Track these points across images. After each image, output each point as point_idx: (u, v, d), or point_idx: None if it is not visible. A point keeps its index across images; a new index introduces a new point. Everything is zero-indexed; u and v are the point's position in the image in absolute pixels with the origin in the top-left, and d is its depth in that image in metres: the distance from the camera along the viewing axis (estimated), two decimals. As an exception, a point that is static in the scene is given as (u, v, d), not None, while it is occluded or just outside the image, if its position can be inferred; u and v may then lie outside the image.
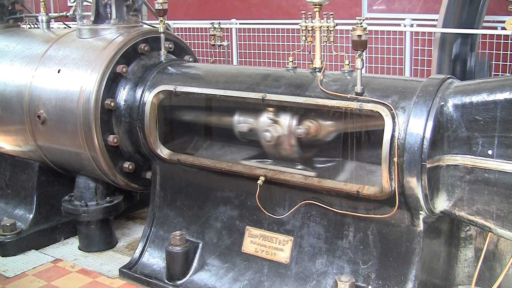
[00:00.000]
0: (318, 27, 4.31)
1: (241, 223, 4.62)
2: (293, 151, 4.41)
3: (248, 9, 12.12)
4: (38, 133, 5.32)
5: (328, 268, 4.17)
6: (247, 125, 4.57)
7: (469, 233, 4.26)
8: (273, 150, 4.48)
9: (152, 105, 4.83)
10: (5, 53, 5.76)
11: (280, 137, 4.34)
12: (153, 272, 4.83)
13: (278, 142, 4.35)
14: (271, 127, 4.35)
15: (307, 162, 4.46)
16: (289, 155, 4.44)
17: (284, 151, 4.43)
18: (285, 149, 4.41)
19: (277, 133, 4.32)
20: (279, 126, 4.35)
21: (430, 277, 4.01)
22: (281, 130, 4.33)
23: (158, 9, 5.06)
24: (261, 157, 4.63)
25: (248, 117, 4.63)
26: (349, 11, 10.39)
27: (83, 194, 5.37)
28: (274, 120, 4.37)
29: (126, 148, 5.11)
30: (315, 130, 4.29)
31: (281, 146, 4.40)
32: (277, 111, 4.38)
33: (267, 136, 4.32)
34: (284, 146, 4.39)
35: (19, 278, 4.98)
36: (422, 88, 3.76)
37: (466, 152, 3.59)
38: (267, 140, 4.33)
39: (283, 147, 4.40)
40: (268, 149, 4.50)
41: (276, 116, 4.37)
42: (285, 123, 4.34)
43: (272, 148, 4.46)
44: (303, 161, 4.46)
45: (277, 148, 4.44)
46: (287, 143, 4.37)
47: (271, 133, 4.31)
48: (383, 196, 3.83)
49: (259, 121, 4.51)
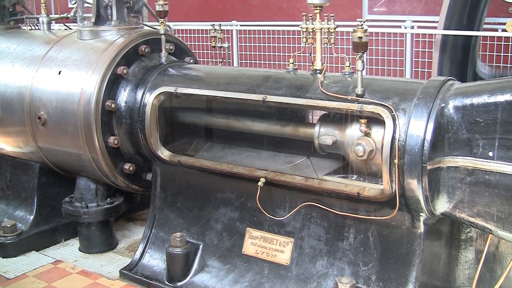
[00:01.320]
0: (318, 28, 4.31)
1: (241, 225, 4.61)
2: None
3: (249, 11, 12.12)
4: (38, 135, 5.32)
5: (328, 269, 4.17)
6: (331, 137, 4.16)
7: (470, 235, 4.25)
8: (363, 165, 4.07)
9: (153, 106, 4.83)
10: (6, 54, 5.77)
11: (372, 151, 3.90)
12: (153, 274, 4.82)
13: (370, 157, 3.91)
14: (363, 140, 3.92)
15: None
16: (379, 171, 3.91)
17: (375, 167, 3.98)
18: (377, 164, 3.94)
19: (370, 147, 3.88)
20: (371, 139, 3.92)
21: (430, 279, 4.01)
22: (373, 144, 3.89)
23: (159, 10, 5.07)
24: (343, 172, 4.33)
25: (333, 129, 4.25)
26: (350, 13, 10.40)
27: (84, 195, 5.37)
28: (366, 132, 3.93)
29: (127, 149, 5.11)
30: None
31: (372, 161, 3.96)
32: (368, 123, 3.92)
33: (360, 150, 3.90)
34: (376, 162, 3.94)
35: (19, 280, 4.98)
36: (423, 90, 3.76)
37: (466, 154, 3.59)
38: (359, 155, 3.90)
39: (374, 162, 3.96)
40: (357, 164, 4.10)
41: (368, 128, 3.93)
42: (377, 137, 3.89)
43: (363, 163, 4.04)
44: None
45: (367, 163, 4.01)
46: (379, 158, 3.89)
47: (364, 148, 3.88)
48: (383, 198, 3.83)
49: (346, 134, 4.13)
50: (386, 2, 10.63)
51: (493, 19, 8.40)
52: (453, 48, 7.96)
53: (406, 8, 10.43)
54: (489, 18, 8.30)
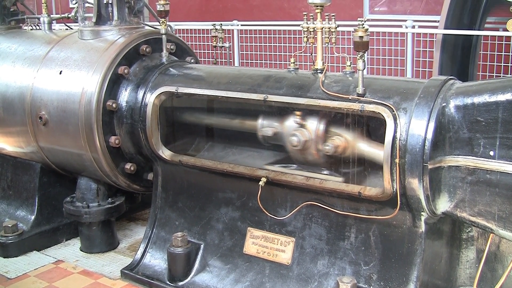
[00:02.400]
0: (319, 28, 4.31)
1: (242, 224, 4.62)
2: (320, 156, 4.25)
3: (250, 11, 12.12)
4: (40, 135, 5.33)
5: (329, 269, 4.17)
6: (271, 129, 4.44)
7: (471, 234, 4.25)
8: (299, 155, 4.36)
9: (154, 106, 4.83)
10: (7, 54, 5.77)
11: (307, 142, 4.21)
12: (154, 273, 4.83)
13: (304, 147, 4.22)
14: (298, 131, 4.23)
15: (334, 168, 4.31)
16: (316, 160, 4.31)
17: (311, 156, 4.30)
18: (312, 154, 4.28)
19: (304, 137, 4.20)
20: (306, 130, 4.22)
21: (431, 278, 4.00)
22: (308, 135, 4.21)
23: (160, 10, 5.07)
24: (286, 162, 4.52)
25: (273, 121, 4.50)
26: (351, 13, 10.38)
27: (85, 195, 5.37)
28: (301, 124, 4.24)
29: (128, 149, 5.11)
30: (343, 148, 4.14)
31: (307, 151, 4.27)
32: (304, 115, 4.23)
33: (294, 140, 4.21)
34: (311, 151, 4.26)
35: (20, 279, 4.99)
36: (424, 89, 3.76)
37: (467, 153, 3.59)
38: (294, 144, 4.22)
39: (309, 152, 4.27)
40: (294, 154, 4.38)
41: (303, 120, 4.24)
42: (312, 128, 4.21)
43: (298, 153, 4.33)
44: (330, 166, 4.32)
45: (303, 153, 4.31)
46: (313, 149, 4.23)
47: (298, 138, 4.19)
48: (384, 197, 3.83)
49: (285, 125, 4.38)
50: (387, 1, 10.62)
51: (494, 18, 8.40)
52: (454, 48, 7.96)
53: (407, 8, 10.42)
54: (490, 18, 8.30)
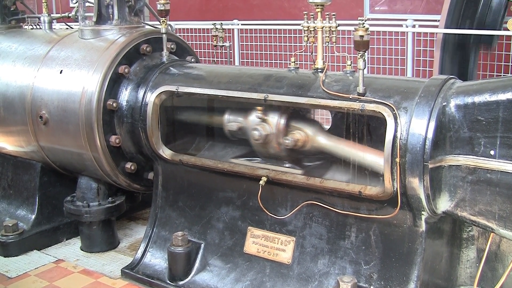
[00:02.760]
0: (320, 27, 4.30)
1: (243, 224, 4.61)
2: (281, 149, 4.43)
3: (250, 10, 12.13)
4: (40, 134, 5.33)
5: (330, 268, 4.17)
6: (236, 124, 4.65)
7: (471, 234, 4.25)
8: (262, 149, 4.54)
9: (154, 105, 4.83)
10: (7, 53, 5.77)
11: (268, 135, 4.40)
12: (155, 273, 4.83)
13: (266, 140, 4.41)
14: (259, 125, 4.42)
15: (295, 161, 4.50)
16: (277, 153, 4.48)
17: (273, 150, 4.47)
18: (273, 147, 4.45)
19: (266, 132, 4.39)
20: (267, 124, 4.41)
21: (432, 277, 4.00)
22: (270, 129, 4.40)
23: (160, 9, 5.07)
24: (250, 155, 4.69)
25: (238, 116, 4.68)
26: (351, 12, 10.39)
27: (85, 194, 5.37)
28: (263, 118, 4.43)
29: (128, 148, 5.11)
30: (303, 141, 4.35)
31: (269, 145, 4.45)
32: (265, 110, 4.42)
33: (256, 134, 4.39)
34: (273, 145, 4.44)
35: (21, 279, 4.99)
36: (424, 88, 3.76)
37: (468, 152, 3.59)
38: (255, 138, 4.40)
39: (271, 145, 4.45)
40: (257, 148, 4.56)
41: (265, 115, 4.43)
42: (273, 122, 4.40)
43: (261, 147, 4.51)
44: (291, 159, 4.50)
45: (265, 147, 4.48)
46: (275, 142, 4.41)
47: (260, 132, 4.37)
48: (385, 196, 3.83)
49: (248, 120, 4.57)
50: (387, 1, 10.63)
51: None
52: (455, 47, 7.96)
53: (407, 7, 10.43)
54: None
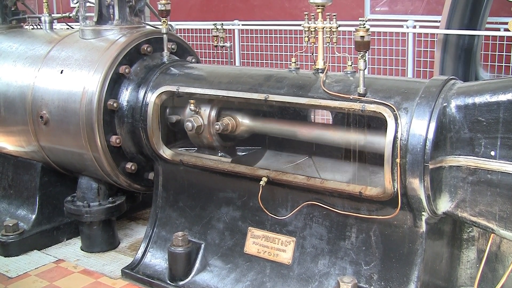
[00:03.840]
0: (320, 28, 4.31)
1: (243, 224, 4.61)
2: (214, 139, 4.78)
3: (251, 10, 12.13)
4: (40, 134, 5.33)
5: (330, 269, 4.17)
6: (175, 116, 4.99)
7: (472, 235, 4.25)
8: (196, 139, 4.86)
9: (155, 105, 4.83)
10: (8, 53, 5.77)
11: (200, 127, 4.72)
12: (155, 273, 4.83)
13: (198, 131, 4.74)
14: (192, 117, 4.73)
15: (227, 150, 4.85)
16: (210, 143, 4.81)
17: (206, 140, 4.80)
18: (206, 138, 4.79)
19: (197, 123, 4.71)
20: (199, 117, 4.73)
21: (432, 278, 4.00)
22: (201, 121, 4.73)
23: (161, 10, 5.07)
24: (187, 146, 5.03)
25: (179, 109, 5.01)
26: (352, 13, 10.39)
27: (86, 194, 5.37)
28: (196, 111, 4.72)
29: (129, 148, 5.11)
30: (232, 126, 4.73)
31: (202, 135, 4.78)
32: (198, 103, 4.72)
33: (189, 126, 4.69)
34: (205, 135, 4.77)
35: (21, 279, 4.99)
36: (425, 89, 3.76)
37: (468, 153, 3.59)
38: (189, 129, 4.72)
39: (204, 136, 4.78)
40: (192, 138, 4.89)
41: (197, 107, 4.71)
42: (205, 114, 4.74)
43: (195, 137, 4.84)
44: (224, 149, 4.84)
45: (199, 137, 4.81)
46: (207, 133, 4.75)
47: (192, 123, 4.68)
48: (385, 197, 3.83)
49: (185, 113, 4.91)
50: (388, 1, 10.63)
51: (495, 18, 8.40)
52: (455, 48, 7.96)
53: (408, 8, 10.43)
54: (491, 18, 8.30)
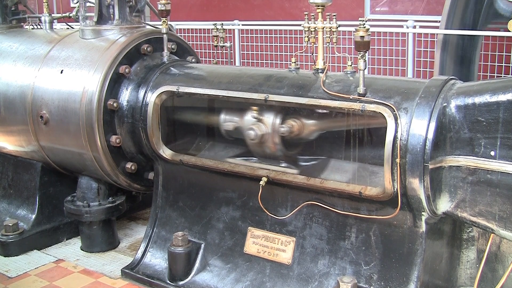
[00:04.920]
0: (320, 28, 4.31)
1: (243, 224, 4.62)
2: (277, 149, 4.45)
3: (251, 10, 12.12)
4: (40, 134, 5.33)
5: (330, 269, 4.17)
6: (232, 123, 4.66)
7: (472, 235, 4.25)
8: (258, 148, 4.54)
9: (155, 105, 4.83)
10: (8, 53, 5.77)
11: (264, 135, 4.40)
12: (155, 273, 4.83)
13: (262, 140, 4.42)
14: (255, 125, 4.42)
15: (291, 160, 4.52)
16: (273, 153, 4.49)
17: (268, 149, 4.48)
18: (269, 147, 4.46)
19: (261, 131, 4.39)
20: (263, 124, 4.42)
21: (432, 278, 4.00)
22: (265, 129, 4.40)
23: (161, 9, 5.07)
24: (246, 155, 4.69)
25: (234, 116, 4.69)
26: (352, 13, 10.39)
27: (86, 194, 5.37)
28: (258, 118, 4.43)
29: (129, 148, 5.11)
30: (298, 129, 4.38)
31: (265, 144, 4.45)
32: (261, 110, 4.43)
33: (251, 134, 4.39)
34: (268, 144, 4.45)
35: (21, 278, 4.99)
36: (425, 89, 3.76)
37: (468, 153, 3.59)
38: (251, 138, 4.41)
39: (267, 145, 4.45)
40: (253, 147, 4.56)
41: (260, 114, 4.43)
42: (269, 122, 4.41)
43: (257, 146, 4.51)
44: (287, 159, 4.51)
45: (261, 146, 4.49)
46: (271, 141, 4.43)
47: (255, 132, 4.37)
48: (385, 197, 3.83)
49: (244, 120, 4.57)
50: (388, 1, 10.63)
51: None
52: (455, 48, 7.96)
53: (408, 8, 10.43)
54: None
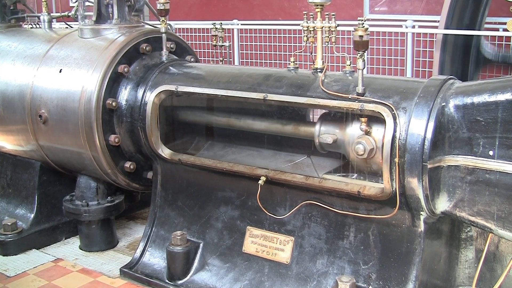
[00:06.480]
0: (319, 27, 4.31)
1: (242, 223, 4.62)
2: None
3: (250, 10, 12.12)
4: (39, 133, 5.33)
5: (328, 268, 4.17)
6: (331, 136, 4.16)
7: (470, 234, 4.25)
8: (363, 164, 4.06)
9: (154, 105, 4.83)
10: (7, 52, 5.77)
11: (372, 150, 3.90)
12: (154, 272, 4.83)
13: (370, 155, 3.92)
14: (363, 139, 3.92)
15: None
16: (380, 169, 3.91)
17: (376, 165, 3.98)
18: (377, 163, 3.96)
19: (370, 146, 3.88)
20: (371, 138, 3.92)
21: (430, 278, 4.01)
22: (373, 143, 3.90)
23: (160, 9, 5.07)
24: (345, 171, 4.30)
25: (334, 128, 4.23)
26: (351, 13, 10.39)
27: (84, 193, 5.37)
28: (367, 131, 3.92)
29: (128, 148, 5.11)
30: None
31: (372, 160, 3.96)
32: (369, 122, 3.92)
33: (360, 149, 3.90)
34: (376, 160, 3.95)
35: (20, 278, 4.98)
36: (424, 88, 3.76)
37: (467, 152, 3.59)
38: (360, 153, 3.91)
39: (374, 161, 3.96)
40: (357, 162, 4.09)
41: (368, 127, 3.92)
42: (378, 136, 3.90)
43: (362, 162, 4.05)
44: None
45: (367, 162, 4.01)
46: (379, 157, 3.90)
47: (364, 146, 3.88)
48: (384, 196, 3.83)
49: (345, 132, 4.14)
50: (387, 1, 10.62)
51: (494, 18, 8.41)
52: (454, 48, 7.97)
53: (407, 8, 10.42)
54: (490, 18, 8.30)
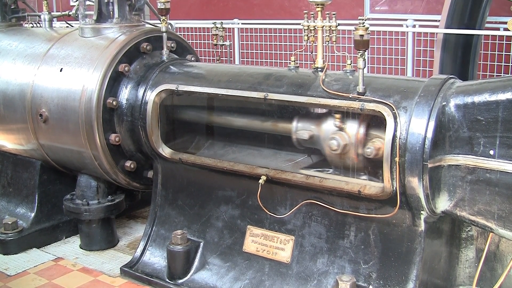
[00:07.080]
0: (320, 27, 4.31)
1: (242, 223, 4.62)
2: (360, 160, 4.09)
3: (251, 9, 12.12)
4: (40, 132, 5.33)
5: (329, 267, 4.17)
6: (307, 132, 4.29)
7: (471, 234, 4.25)
8: (336, 159, 4.19)
9: (154, 104, 4.83)
10: (7, 51, 5.77)
11: (346, 146, 4.05)
12: (154, 271, 4.83)
13: (344, 151, 4.06)
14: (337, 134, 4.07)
15: (373, 173, 4.12)
16: (355, 165, 4.11)
17: (350, 161, 4.11)
18: (351, 158, 4.09)
19: (344, 141, 4.04)
20: (345, 134, 4.06)
21: (431, 277, 4.01)
22: (347, 139, 4.05)
23: (161, 8, 5.07)
24: (322, 166, 4.41)
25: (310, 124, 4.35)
26: (352, 12, 10.39)
27: (85, 193, 5.38)
28: (341, 127, 4.06)
29: (128, 147, 5.11)
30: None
31: (346, 156, 4.10)
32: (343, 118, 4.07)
33: (333, 144, 4.06)
34: (350, 156, 4.08)
35: (20, 276, 4.99)
36: (424, 88, 3.76)
37: (467, 152, 3.59)
38: (333, 149, 4.06)
39: (348, 156, 4.09)
40: (331, 157, 4.23)
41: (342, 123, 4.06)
42: (351, 132, 4.04)
43: (336, 157, 4.18)
44: (368, 171, 4.15)
45: (341, 158, 4.14)
46: (353, 153, 4.06)
47: (338, 142, 4.04)
48: (384, 196, 3.83)
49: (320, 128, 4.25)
50: (387, 0, 10.63)
51: (494, 18, 8.41)
52: (455, 47, 7.97)
53: (407, 7, 10.43)
54: (491, 17, 8.30)
